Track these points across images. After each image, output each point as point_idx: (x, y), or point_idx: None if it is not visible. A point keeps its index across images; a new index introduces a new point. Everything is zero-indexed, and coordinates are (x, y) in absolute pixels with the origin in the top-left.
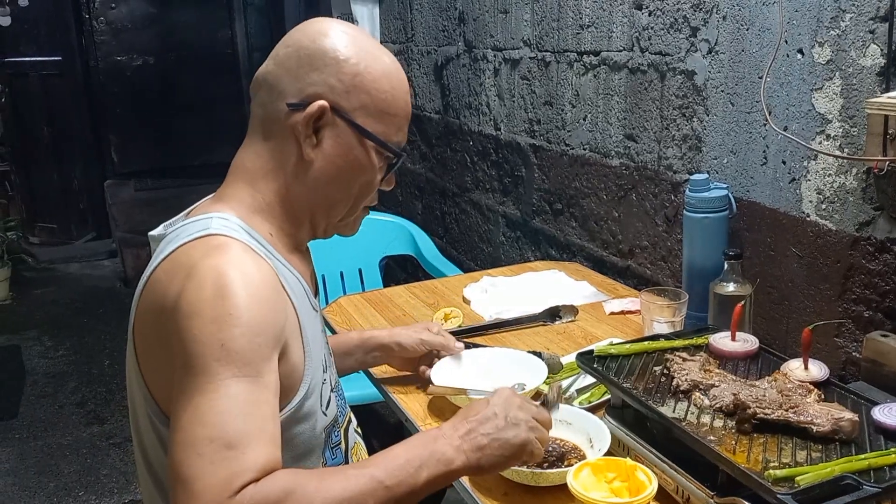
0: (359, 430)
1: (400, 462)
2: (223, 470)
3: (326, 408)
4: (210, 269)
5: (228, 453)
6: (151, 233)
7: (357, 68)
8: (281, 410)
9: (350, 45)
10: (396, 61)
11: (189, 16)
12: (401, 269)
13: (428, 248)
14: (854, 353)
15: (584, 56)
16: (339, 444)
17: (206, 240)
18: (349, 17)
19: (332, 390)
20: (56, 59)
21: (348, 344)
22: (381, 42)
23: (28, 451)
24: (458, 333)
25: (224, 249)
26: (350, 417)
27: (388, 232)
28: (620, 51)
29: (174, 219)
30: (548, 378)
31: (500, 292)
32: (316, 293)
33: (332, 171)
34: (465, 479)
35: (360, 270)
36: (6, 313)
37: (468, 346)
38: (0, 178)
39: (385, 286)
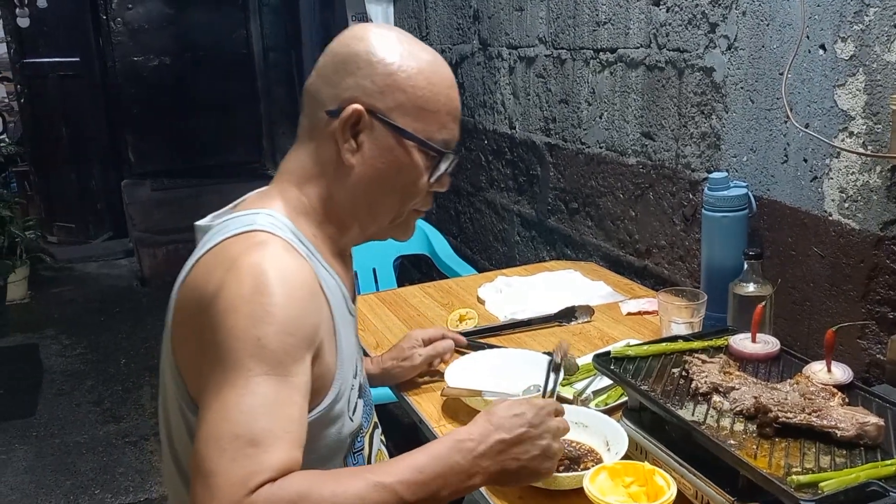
0: (383, 437)
1: (423, 478)
2: (243, 468)
3: (353, 413)
4: (250, 266)
5: (250, 451)
6: (197, 223)
7: (390, 68)
8: (310, 412)
9: (383, 45)
10: (438, 57)
11: (205, 16)
12: (415, 269)
13: (442, 248)
14: (878, 356)
15: (601, 53)
16: (362, 449)
17: (249, 235)
18: (364, 17)
19: (359, 396)
20: (74, 60)
21: None
22: None
23: (45, 448)
24: (473, 334)
25: (266, 246)
26: (376, 423)
27: None
28: (637, 48)
29: (221, 210)
30: (563, 380)
31: (515, 292)
32: (354, 298)
33: (373, 175)
34: None
35: (374, 270)
36: (24, 312)
37: (482, 346)
38: (19, 179)
39: (399, 286)
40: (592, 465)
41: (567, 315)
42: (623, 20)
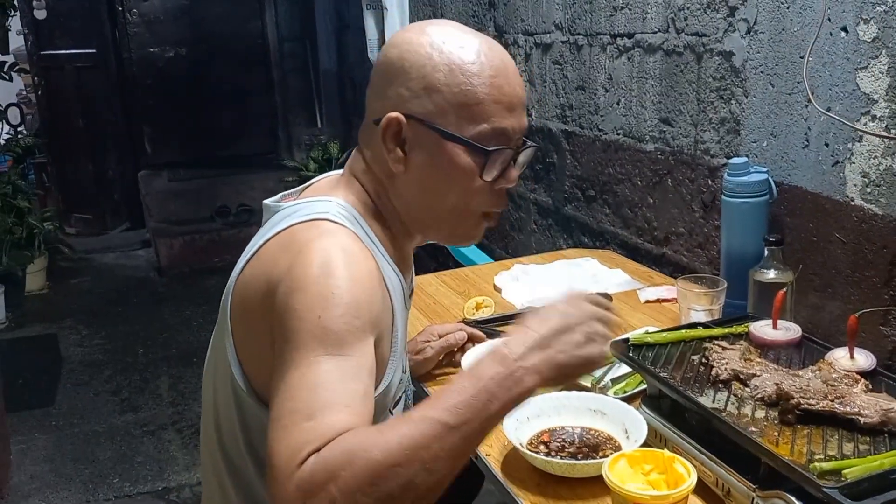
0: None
1: (465, 398)
2: (296, 441)
3: (393, 408)
4: (320, 249)
5: (306, 424)
6: (266, 201)
7: (423, 70)
8: None
9: (414, 49)
10: (481, 46)
11: (220, 7)
12: (431, 258)
13: None
14: None
15: (618, 39)
16: (398, 402)
17: (319, 223)
18: (378, 4)
19: (403, 392)
20: (90, 51)
21: None
22: None
23: (64, 438)
24: (490, 322)
25: (335, 235)
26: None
27: None
28: (655, 32)
29: (291, 191)
30: None
31: (532, 280)
32: (411, 296)
33: (424, 180)
34: (497, 470)
35: None
36: (43, 303)
37: (496, 334)
38: (37, 170)
39: (416, 275)
40: (611, 453)
41: None
42: (640, 5)
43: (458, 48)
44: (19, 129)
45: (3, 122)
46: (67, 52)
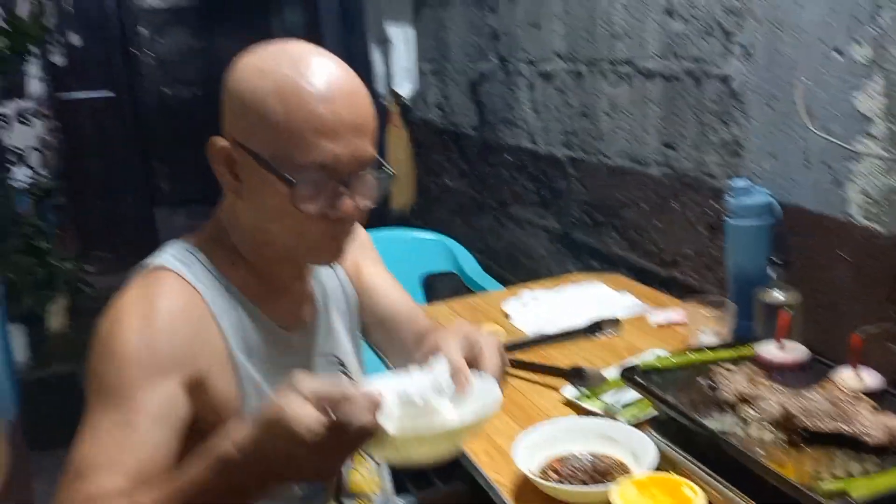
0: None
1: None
2: (65, 498)
3: None
4: (113, 307)
5: (75, 484)
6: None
7: (245, 96)
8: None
9: (241, 71)
10: (305, 71)
11: (231, 47)
12: (442, 287)
13: (469, 265)
14: None
15: (618, 65)
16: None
17: (142, 274)
18: (385, 39)
19: None
20: (107, 93)
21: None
22: (418, 62)
23: None
24: None
25: (144, 282)
26: None
27: (428, 249)
28: (654, 58)
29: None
30: (590, 393)
31: (541, 306)
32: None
33: (258, 207)
34: (509, 499)
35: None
36: (65, 341)
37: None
38: (56, 211)
39: (427, 303)
40: (621, 478)
41: (594, 328)
42: (638, 32)
43: (281, 72)
44: (39, 171)
45: (23, 166)
46: (84, 94)
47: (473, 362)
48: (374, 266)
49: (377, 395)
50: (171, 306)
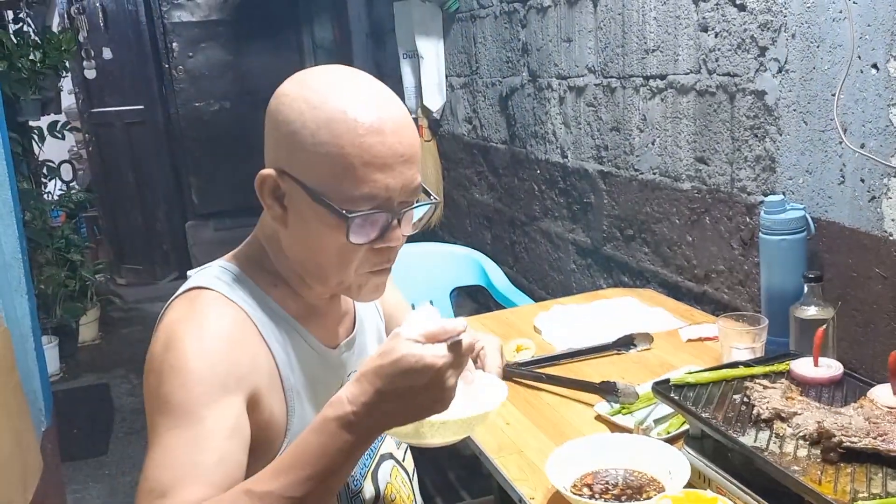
0: (405, 467)
1: (294, 478)
2: None
3: None
4: (167, 325)
5: (160, 502)
6: (190, 272)
7: (293, 126)
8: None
9: (289, 102)
10: (352, 101)
11: (262, 61)
12: (472, 300)
13: (498, 279)
14: None
15: (651, 80)
16: (360, 492)
17: (188, 294)
18: (414, 54)
19: None
20: (139, 108)
21: None
22: (447, 76)
23: (118, 487)
24: (531, 364)
25: (192, 303)
26: (384, 455)
27: (457, 263)
28: (687, 73)
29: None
30: (623, 408)
31: (572, 321)
32: (347, 347)
33: (304, 238)
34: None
35: (430, 302)
36: (96, 353)
37: (541, 377)
38: (88, 224)
39: (456, 317)
40: (655, 495)
41: (626, 343)
42: (672, 47)
43: (330, 104)
44: (71, 184)
45: (56, 179)
46: (117, 109)
47: (476, 361)
48: (392, 288)
49: (460, 322)
50: (223, 326)
